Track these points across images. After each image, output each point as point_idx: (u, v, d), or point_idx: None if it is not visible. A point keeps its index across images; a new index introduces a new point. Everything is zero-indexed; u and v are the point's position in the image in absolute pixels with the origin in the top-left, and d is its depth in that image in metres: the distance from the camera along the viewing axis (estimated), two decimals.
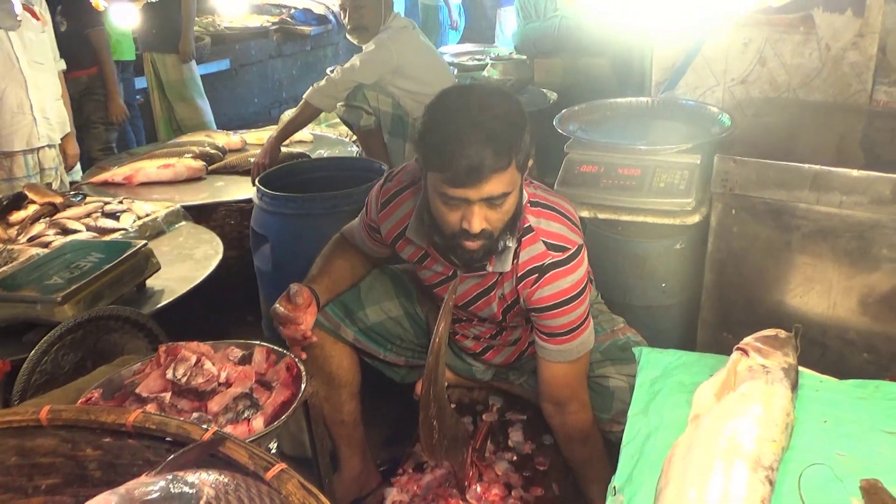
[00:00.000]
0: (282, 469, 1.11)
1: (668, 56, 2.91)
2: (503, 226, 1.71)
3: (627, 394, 1.86)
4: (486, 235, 1.69)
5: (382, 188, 1.99)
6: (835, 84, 2.65)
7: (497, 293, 1.89)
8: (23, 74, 3.59)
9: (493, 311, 1.93)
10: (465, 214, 1.65)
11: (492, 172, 1.59)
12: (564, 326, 1.83)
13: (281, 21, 7.32)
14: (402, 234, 1.94)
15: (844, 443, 1.31)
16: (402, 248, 1.98)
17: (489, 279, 1.88)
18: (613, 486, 1.30)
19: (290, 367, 1.84)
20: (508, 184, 1.63)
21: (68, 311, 2.15)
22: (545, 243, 1.80)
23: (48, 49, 3.76)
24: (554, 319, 1.82)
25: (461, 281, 1.91)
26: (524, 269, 1.81)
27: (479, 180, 1.59)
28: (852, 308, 2.06)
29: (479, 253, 1.73)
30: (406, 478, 2.03)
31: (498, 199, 1.64)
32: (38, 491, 1.34)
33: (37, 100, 3.64)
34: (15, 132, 3.60)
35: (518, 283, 1.83)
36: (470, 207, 1.64)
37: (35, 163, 3.72)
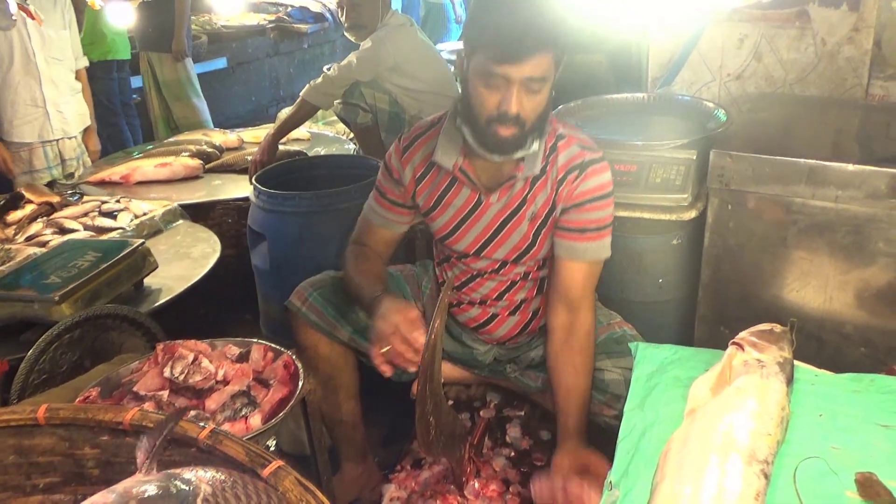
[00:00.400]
0: (279, 466, 1.11)
1: (664, 52, 2.92)
2: (535, 119, 1.80)
3: (622, 387, 1.87)
4: (519, 123, 1.78)
5: (401, 139, 2.08)
6: (830, 79, 2.65)
7: (528, 211, 1.95)
8: (38, 69, 3.76)
9: (521, 235, 1.98)
10: (505, 96, 1.74)
11: (537, 49, 1.69)
12: (598, 221, 1.93)
13: (278, 19, 7.32)
14: (427, 171, 2.02)
15: (839, 436, 1.32)
16: (423, 189, 2.03)
17: (516, 198, 1.95)
18: (609, 482, 1.30)
19: (288, 364, 1.85)
20: (547, 69, 1.74)
21: (66, 310, 2.15)
22: (580, 145, 1.94)
23: (68, 46, 3.91)
24: (591, 213, 1.92)
25: (486, 207, 1.98)
26: (564, 170, 1.92)
27: (524, 54, 1.69)
28: (848, 302, 2.07)
29: (510, 140, 1.81)
30: (404, 474, 2.03)
31: (536, 84, 1.74)
32: (36, 489, 1.34)
33: (51, 95, 3.82)
34: (26, 124, 3.80)
35: (559, 185, 1.92)
36: (510, 89, 1.73)
37: (55, 154, 3.92)
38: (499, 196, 1.95)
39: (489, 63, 1.72)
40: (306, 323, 2.08)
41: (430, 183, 2.02)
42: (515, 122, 1.77)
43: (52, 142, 3.90)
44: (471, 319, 2.13)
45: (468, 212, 2.00)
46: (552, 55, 1.73)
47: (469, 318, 2.13)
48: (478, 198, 1.98)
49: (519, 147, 1.83)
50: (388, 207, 2.11)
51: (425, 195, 2.03)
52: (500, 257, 2.02)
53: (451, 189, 2.00)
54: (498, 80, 1.73)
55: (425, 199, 2.04)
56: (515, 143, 1.81)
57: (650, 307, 2.45)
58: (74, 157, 4.02)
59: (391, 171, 2.08)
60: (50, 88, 3.83)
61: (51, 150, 3.91)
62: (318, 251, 2.73)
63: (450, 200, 2.01)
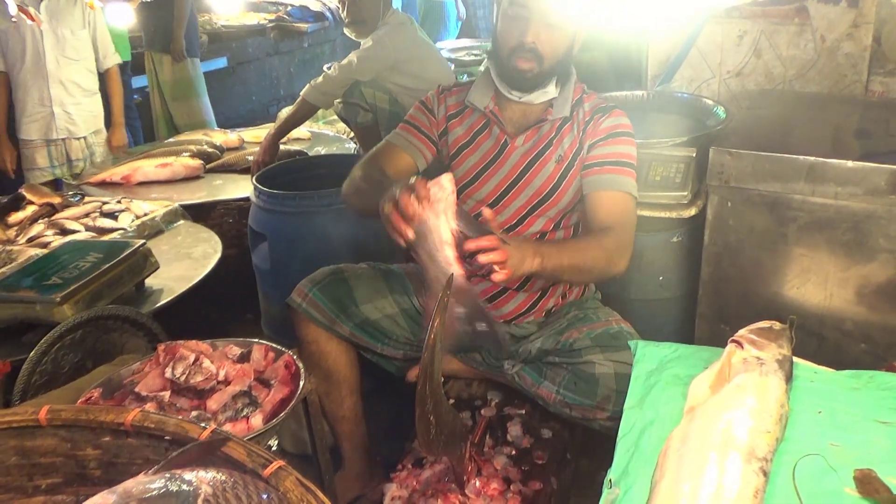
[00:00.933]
0: (280, 466, 1.12)
1: (663, 49, 2.92)
2: (553, 57, 1.95)
3: (613, 380, 1.88)
4: (537, 57, 1.93)
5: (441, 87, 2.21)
6: (830, 75, 2.65)
7: (555, 153, 2.05)
8: (46, 69, 3.83)
9: (544, 179, 2.04)
10: (525, 26, 1.91)
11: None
12: (622, 156, 2.01)
13: (278, 18, 7.32)
14: (459, 112, 2.15)
15: (839, 433, 1.32)
16: (454, 126, 2.15)
17: (542, 140, 2.05)
18: (609, 480, 1.31)
19: (289, 364, 1.85)
20: (568, 11, 1.90)
21: (67, 312, 2.16)
22: (601, 97, 2.12)
23: (85, 47, 3.97)
24: (615, 146, 2.02)
25: (512, 150, 2.07)
26: (591, 113, 2.06)
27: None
28: (849, 299, 2.07)
29: (529, 75, 1.96)
30: (405, 473, 2.03)
31: (553, 16, 1.90)
32: (38, 490, 1.35)
33: (58, 95, 3.89)
34: (33, 122, 3.90)
35: (586, 125, 2.05)
36: (529, 18, 1.90)
37: (60, 153, 3.99)
38: (525, 140, 2.06)
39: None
40: (307, 319, 2.09)
41: (459, 124, 2.14)
42: (533, 55, 1.92)
43: (57, 141, 3.97)
44: (481, 293, 2.11)
45: (494, 156, 2.09)
46: None
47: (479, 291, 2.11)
48: (504, 140, 2.07)
49: (537, 85, 1.99)
50: (415, 134, 2.17)
51: (455, 133, 2.14)
52: (521, 204, 2.07)
53: (481, 132, 2.11)
54: (518, 10, 1.91)
55: (454, 138, 2.14)
56: (534, 79, 1.97)
57: (650, 305, 2.45)
58: (82, 158, 4.06)
59: (425, 102, 2.20)
60: (57, 88, 3.88)
61: (55, 149, 3.98)
62: (318, 250, 2.73)
63: (478, 144, 2.11)
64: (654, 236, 2.38)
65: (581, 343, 1.97)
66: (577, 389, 1.95)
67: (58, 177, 3.98)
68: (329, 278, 2.15)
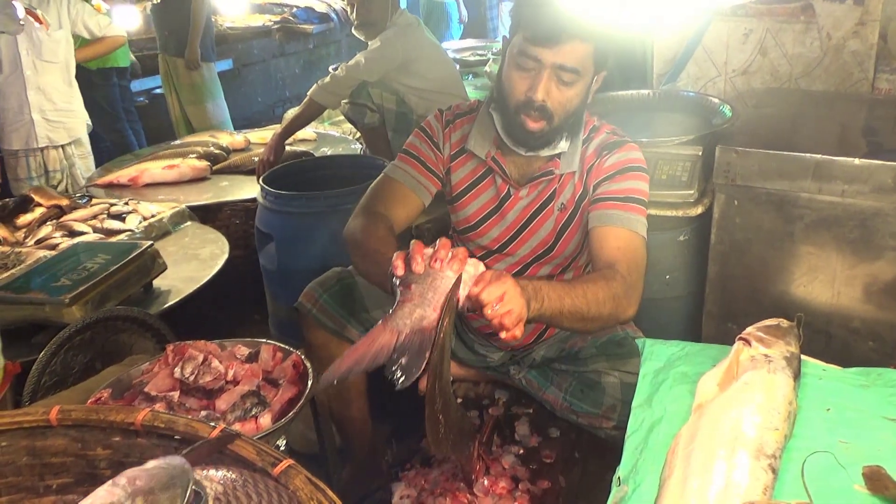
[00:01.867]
0: (289, 465, 1.12)
1: (669, 48, 2.92)
2: (564, 115, 1.78)
3: (618, 390, 1.87)
4: (546, 115, 1.76)
5: (443, 113, 2.04)
6: (836, 73, 2.65)
7: (556, 203, 1.93)
8: (24, 75, 3.72)
9: (547, 231, 1.94)
10: (534, 81, 1.73)
11: (573, 35, 1.69)
12: (629, 192, 1.85)
13: (283, 20, 7.33)
14: (460, 153, 1.99)
15: (847, 430, 1.32)
16: (456, 169, 2.00)
17: (548, 189, 1.92)
18: (618, 477, 1.31)
19: (297, 364, 1.85)
20: (582, 61, 1.72)
21: (76, 313, 2.17)
22: (609, 132, 1.93)
23: (60, 49, 3.85)
24: (621, 183, 1.86)
25: (515, 202, 1.95)
26: (595, 154, 1.90)
27: (559, 38, 1.68)
28: (856, 297, 2.07)
29: (537, 134, 1.79)
30: (414, 472, 2.04)
31: (567, 75, 1.72)
32: (49, 490, 1.36)
33: (36, 101, 3.78)
34: (14, 131, 3.79)
35: (590, 168, 1.90)
36: (540, 73, 1.72)
37: (38, 164, 3.86)
38: (529, 190, 1.94)
39: (525, 44, 1.72)
40: (317, 324, 2.08)
41: (461, 166, 2.00)
42: (542, 114, 1.76)
43: (36, 151, 3.86)
44: (485, 326, 2.12)
45: (496, 205, 1.98)
46: (592, 51, 1.72)
47: (483, 325, 2.12)
48: (507, 190, 1.96)
49: (546, 144, 1.83)
50: (420, 170, 2.00)
51: (456, 178, 2.01)
52: (525, 254, 2.00)
53: (482, 180, 1.99)
54: (530, 63, 1.73)
55: (455, 182, 2.01)
56: (542, 138, 1.81)
57: (657, 304, 2.45)
58: (59, 169, 3.96)
59: (431, 134, 2.02)
60: (35, 94, 3.78)
61: (33, 160, 3.87)
62: (325, 251, 2.74)
63: (479, 191, 1.99)
64: (661, 235, 2.38)
65: (586, 352, 1.97)
66: (583, 397, 1.95)
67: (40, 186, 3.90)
68: (339, 283, 2.14)
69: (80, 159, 4.09)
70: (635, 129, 2.57)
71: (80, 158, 4.08)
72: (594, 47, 1.72)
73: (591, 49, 1.72)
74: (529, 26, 1.72)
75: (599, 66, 1.78)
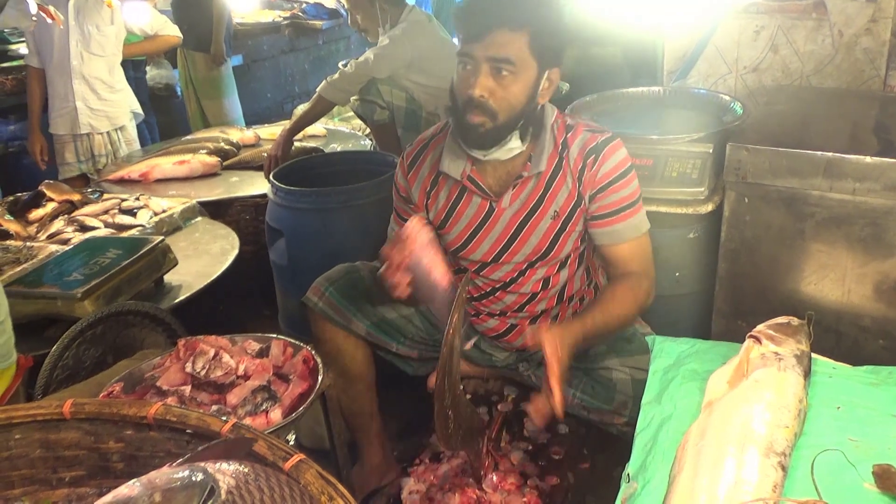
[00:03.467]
0: (300, 459, 1.13)
1: (679, 45, 2.91)
2: (508, 110, 1.77)
3: (629, 386, 1.88)
4: (488, 112, 1.76)
5: (404, 155, 2.08)
6: (848, 70, 2.64)
7: (549, 211, 1.93)
8: (70, 64, 3.92)
9: (539, 238, 1.94)
10: (472, 77, 1.74)
11: (500, 24, 1.71)
12: (627, 199, 1.90)
13: (293, 16, 7.33)
14: (435, 182, 2.01)
15: (857, 428, 1.32)
16: (433, 201, 2.02)
17: (531, 199, 1.92)
18: (627, 474, 1.31)
19: (307, 359, 1.86)
20: (513, 51, 1.72)
21: (88, 307, 2.18)
22: (589, 130, 1.92)
23: (108, 44, 4.04)
24: (617, 192, 1.89)
25: (499, 214, 1.95)
26: (581, 159, 1.89)
27: (486, 30, 1.71)
28: (867, 295, 2.06)
29: (482, 131, 1.78)
30: (423, 468, 2.05)
31: (503, 66, 1.72)
32: (62, 483, 1.37)
33: (80, 90, 3.97)
34: (59, 117, 4.03)
35: (580, 174, 1.89)
36: (476, 69, 1.74)
37: (85, 148, 4.08)
38: (511, 200, 1.94)
39: (462, 44, 1.76)
40: (323, 318, 2.10)
41: (439, 192, 2.01)
42: (483, 110, 1.75)
43: (82, 136, 4.06)
44: (489, 329, 2.13)
45: (481, 221, 1.98)
46: (527, 40, 1.73)
47: (488, 329, 2.13)
48: (489, 206, 1.96)
49: (495, 142, 1.81)
50: None
51: (436, 208, 2.02)
52: (519, 261, 1.99)
53: (462, 199, 1.99)
54: (467, 61, 1.76)
55: (436, 212, 2.02)
56: (488, 135, 1.80)
57: (667, 301, 2.44)
58: (104, 154, 4.13)
59: (399, 189, 2.10)
60: (80, 84, 3.96)
61: (80, 144, 4.07)
62: (335, 247, 2.75)
63: (461, 211, 1.99)
64: (671, 232, 2.38)
65: (597, 348, 1.98)
66: (594, 394, 1.96)
67: (83, 172, 4.06)
68: (345, 277, 2.15)
69: (126, 145, 4.24)
70: (645, 125, 2.57)
71: (125, 144, 4.24)
72: (529, 36, 1.73)
73: (524, 38, 1.73)
74: (462, 25, 1.76)
75: (544, 59, 1.78)
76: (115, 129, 4.16)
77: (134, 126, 4.34)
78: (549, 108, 1.93)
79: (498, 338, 2.13)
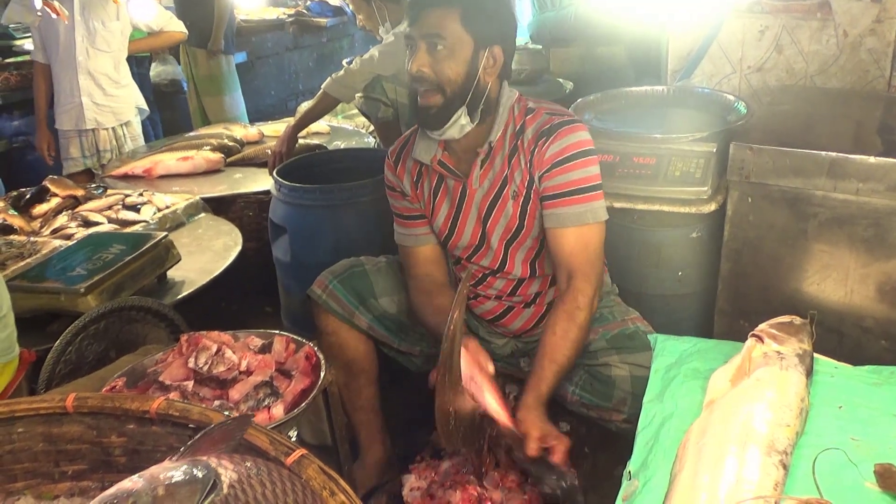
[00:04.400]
0: (302, 454, 1.13)
1: (683, 44, 2.91)
2: (453, 86, 1.84)
3: (628, 383, 1.88)
4: (435, 86, 1.84)
5: (388, 152, 2.15)
6: (852, 71, 2.63)
7: (510, 190, 1.95)
8: (76, 60, 3.93)
9: (509, 216, 1.97)
10: (412, 55, 1.85)
11: (430, 4, 1.82)
12: (576, 183, 1.88)
13: (297, 13, 7.34)
14: (420, 174, 2.07)
15: (859, 428, 1.32)
16: (421, 191, 2.07)
17: (497, 179, 1.96)
18: (628, 472, 1.31)
19: (310, 355, 1.87)
20: (445, 27, 1.81)
21: (91, 302, 2.19)
22: (548, 113, 1.94)
23: (114, 40, 4.05)
24: (566, 174, 1.88)
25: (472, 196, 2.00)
26: (534, 140, 1.91)
27: (420, 11, 1.83)
28: (869, 295, 2.06)
29: (434, 110, 1.87)
30: (424, 465, 2.05)
31: (436, 41, 1.81)
32: (64, 476, 1.38)
33: (85, 86, 3.98)
34: (65, 112, 4.03)
35: (532, 155, 1.91)
36: (415, 48, 1.84)
37: (90, 143, 4.09)
38: (479, 181, 1.98)
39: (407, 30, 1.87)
40: (327, 311, 2.12)
41: (423, 184, 2.07)
42: (429, 84, 1.84)
43: (88, 132, 4.06)
44: (487, 312, 2.15)
45: (458, 205, 2.02)
46: (457, 16, 1.81)
47: (485, 311, 2.15)
48: (462, 187, 2.01)
49: (444, 119, 1.88)
50: (411, 224, 2.13)
51: (423, 198, 2.08)
52: (497, 245, 2.02)
53: (440, 186, 2.04)
54: (409, 43, 1.86)
55: (424, 202, 2.08)
56: (439, 112, 1.87)
57: (669, 300, 2.45)
58: (109, 149, 4.13)
59: (392, 187, 2.13)
60: (85, 79, 3.96)
61: (86, 139, 4.08)
62: (338, 244, 2.75)
63: (442, 197, 2.05)
64: (673, 231, 2.38)
65: (597, 344, 1.98)
66: (593, 390, 1.96)
67: (88, 167, 4.07)
68: (349, 271, 2.17)
69: (131, 140, 4.25)
70: (649, 124, 2.56)
71: (130, 140, 4.24)
72: (460, 14, 1.81)
73: (455, 15, 1.81)
74: (406, 13, 1.87)
75: (480, 35, 1.83)
76: (120, 125, 4.16)
77: (139, 122, 4.35)
78: (507, 89, 1.97)
79: (495, 321, 2.15)
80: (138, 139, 4.31)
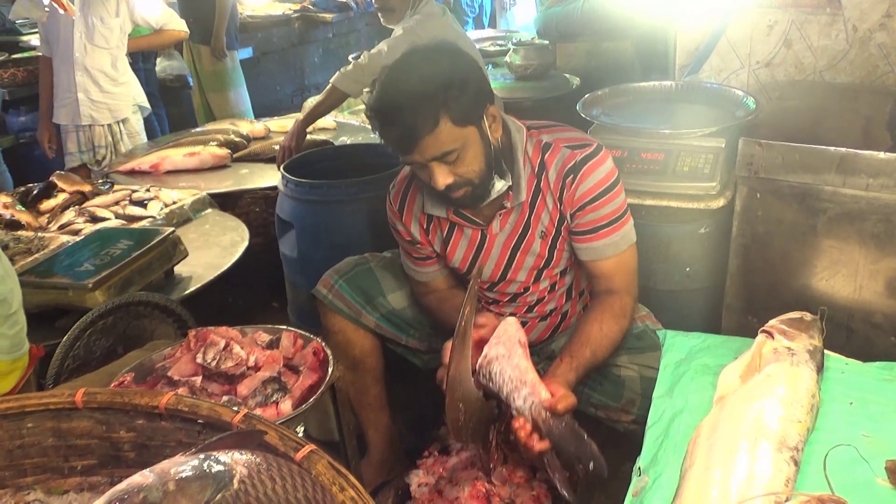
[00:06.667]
0: (311, 450, 1.13)
1: (691, 39, 2.89)
2: (480, 172, 1.77)
3: (637, 383, 1.88)
4: (464, 184, 1.76)
5: (390, 199, 2.06)
6: (861, 66, 2.62)
7: (536, 231, 1.92)
8: (73, 56, 3.92)
9: (536, 254, 1.94)
10: (429, 176, 1.75)
11: (421, 137, 1.67)
12: (608, 216, 1.87)
13: (303, 9, 7.33)
14: (430, 219, 1.99)
15: (870, 424, 1.31)
16: (434, 236, 2.02)
17: (519, 223, 1.92)
18: (638, 468, 1.31)
19: (317, 351, 1.87)
20: (449, 141, 1.69)
21: (99, 298, 2.19)
22: (568, 147, 1.86)
23: (113, 36, 4.02)
24: (597, 211, 1.86)
25: (493, 240, 1.95)
26: (560, 180, 1.86)
27: (412, 146, 1.68)
28: (879, 291, 2.05)
29: (470, 198, 1.81)
30: (432, 460, 2.05)
31: (450, 156, 1.71)
32: (74, 471, 1.38)
33: (82, 82, 3.96)
34: (62, 107, 4.03)
35: (560, 194, 1.87)
36: (427, 167, 1.73)
37: (86, 139, 4.08)
38: (500, 225, 1.94)
39: (397, 152, 1.75)
40: (333, 310, 2.11)
41: (437, 229, 2.02)
42: (458, 186, 1.76)
43: (84, 127, 4.05)
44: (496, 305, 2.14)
45: (477, 247, 1.99)
46: (448, 122, 1.67)
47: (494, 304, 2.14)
48: (482, 233, 1.96)
49: (484, 197, 1.82)
50: (422, 264, 2.10)
51: (437, 242, 2.03)
52: (523, 278, 2.00)
53: (454, 231, 2.00)
54: (415, 166, 1.77)
55: (438, 245, 2.04)
56: (477, 197, 1.81)
57: (677, 296, 2.44)
58: (104, 146, 4.12)
59: (401, 234, 2.08)
60: (82, 75, 3.95)
61: (82, 135, 4.06)
62: (345, 239, 2.75)
63: (457, 241, 2.00)
64: (682, 227, 2.37)
65: None
66: (602, 390, 1.96)
67: (84, 163, 4.07)
68: (355, 269, 2.16)
69: (129, 137, 4.23)
70: (657, 120, 2.56)
71: (128, 136, 4.22)
72: (450, 118, 1.67)
73: (446, 124, 1.67)
74: (390, 145, 1.74)
75: (473, 118, 1.72)
76: (116, 122, 4.14)
77: (139, 119, 4.32)
78: (514, 131, 1.89)
79: None
80: (136, 136, 4.27)
